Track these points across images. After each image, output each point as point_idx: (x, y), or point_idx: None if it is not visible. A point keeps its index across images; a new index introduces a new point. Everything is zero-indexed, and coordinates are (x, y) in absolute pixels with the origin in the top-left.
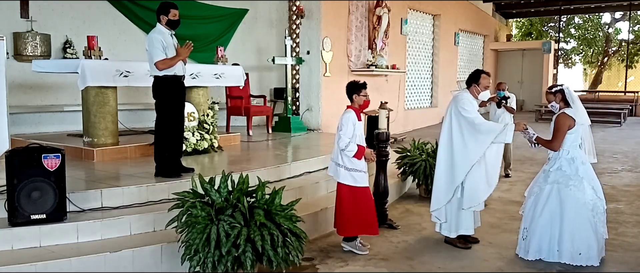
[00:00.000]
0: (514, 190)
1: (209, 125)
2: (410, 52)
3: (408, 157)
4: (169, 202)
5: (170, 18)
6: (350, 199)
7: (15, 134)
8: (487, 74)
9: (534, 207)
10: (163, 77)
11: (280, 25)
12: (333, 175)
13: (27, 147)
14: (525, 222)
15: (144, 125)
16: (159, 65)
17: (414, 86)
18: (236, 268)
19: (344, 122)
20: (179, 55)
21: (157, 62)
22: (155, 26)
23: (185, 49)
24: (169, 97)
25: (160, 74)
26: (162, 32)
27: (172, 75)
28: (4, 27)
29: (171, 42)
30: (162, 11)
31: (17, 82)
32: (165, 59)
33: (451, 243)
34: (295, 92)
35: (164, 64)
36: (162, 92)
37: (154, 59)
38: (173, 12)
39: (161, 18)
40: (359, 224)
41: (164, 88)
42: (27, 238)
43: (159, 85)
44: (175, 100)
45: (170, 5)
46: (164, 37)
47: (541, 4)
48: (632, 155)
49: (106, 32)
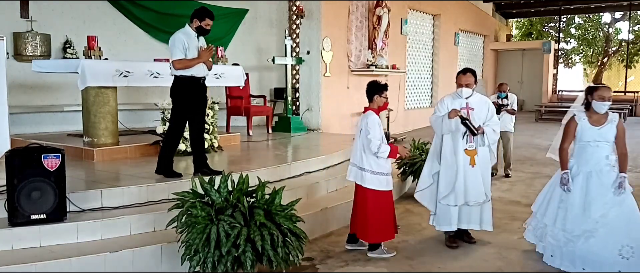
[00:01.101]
0: (514, 190)
1: (209, 125)
2: (410, 52)
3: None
4: (169, 202)
5: (202, 26)
6: (375, 203)
7: (15, 133)
8: (463, 72)
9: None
10: (180, 78)
11: (280, 25)
12: (356, 180)
13: (27, 147)
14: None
15: (144, 125)
16: (175, 64)
17: (414, 86)
18: (236, 268)
19: (371, 125)
20: (199, 58)
21: (173, 60)
22: (184, 26)
23: (207, 51)
24: (183, 98)
25: (178, 73)
26: (188, 33)
27: (189, 76)
28: (4, 27)
29: (195, 44)
30: (197, 16)
31: (17, 82)
32: (182, 59)
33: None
34: (295, 92)
35: (180, 64)
36: (177, 92)
37: (173, 57)
38: (207, 21)
39: (193, 21)
40: (384, 229)
41: (180, 88)
42: (27, 238)
43: (175, 85)
44: (190, 101)
45: (207, 14)
46: (188, 38)
47: (541, 4)
48: (632, 155)
49: (106, 32)
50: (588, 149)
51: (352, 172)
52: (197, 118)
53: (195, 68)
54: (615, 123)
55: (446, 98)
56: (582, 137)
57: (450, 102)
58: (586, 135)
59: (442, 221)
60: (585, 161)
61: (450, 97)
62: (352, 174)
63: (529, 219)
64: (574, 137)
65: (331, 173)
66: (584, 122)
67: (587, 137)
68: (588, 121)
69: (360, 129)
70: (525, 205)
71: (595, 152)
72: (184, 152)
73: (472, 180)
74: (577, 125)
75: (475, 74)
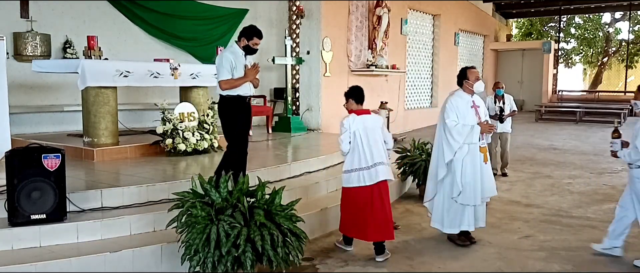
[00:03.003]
0: (514, 190)
1: (209, 125)
2: (410, 52)
3: (408, 157)
4: (169, 202)
5: (250, 45)
6: (343, 199)
7: (15, 133)
8: (472, 68)
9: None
10: (227, 97)
11: (280, 25)
12: (389, 177)
13: (27, 147)
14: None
15: (144, 125)
16: (222, 84)
17: (414, 86)
18: (236, 268)
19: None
20: (246, 77)
21: (221, 81)
22: (231, 45)
23: (253, 71)
24: (232, 117)
25: (224, 93)
26: (235, 52)
27: (235, 95)
28: (4, 27)
29: (242, 62)
30: (246, 35)
31: (17, 82)
32: (229, 79)
33: (452, 240)
34: (295, 92)
35: (227, 84)
36: (225, 112)
37: (220, 77)
38: (255, 40)
39: (241, 40)
40: (349, 225)
41: (227, 107)
42: (27, 238)
43: (223, 105)
44: (239, 120)
45: (255, 33)
46: (236, 57)
47: (541, 4)
48: None
49: (106, 32)
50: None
51: (387, 171)
52: (245, 137)
53: (241, 87)
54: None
55: (454, 100)
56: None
57: (460, 103)
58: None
59: (453, 223)
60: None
61: (457, 98)
62: (387, 172)
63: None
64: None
65: (331, 173)
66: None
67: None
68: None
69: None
70: (525, 205)
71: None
72: (184, 152)
73: (488, 176)
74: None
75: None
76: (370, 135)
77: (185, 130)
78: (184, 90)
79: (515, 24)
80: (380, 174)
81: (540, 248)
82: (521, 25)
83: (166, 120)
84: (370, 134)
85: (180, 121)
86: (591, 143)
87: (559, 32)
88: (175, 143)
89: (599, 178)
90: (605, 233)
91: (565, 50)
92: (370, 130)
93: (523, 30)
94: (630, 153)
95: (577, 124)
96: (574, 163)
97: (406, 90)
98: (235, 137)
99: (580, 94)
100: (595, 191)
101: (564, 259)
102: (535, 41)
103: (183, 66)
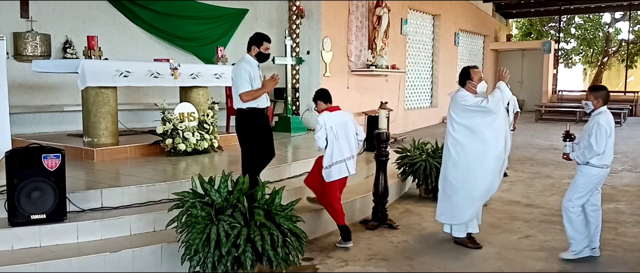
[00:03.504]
0: (514, 190)
1: (209, 125)
2: (410, 52)
3: (408, 157)
4: (169, 202)
5: (262, 51)
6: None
7: (15, 133)
8: (475, 67)
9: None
10: (247, 110)
11: (280, 25)
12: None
13: (27, 147)
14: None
15: (144, 125)
16: (244, 96)
17: (414, 86)
18: (236, 268)
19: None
20: (265, 88)
21: (242, 93)
22: (243, 56)
23: (271, 81)
24: (253, 129)
25: (244, 106)
26: (250, 63)
27: (255, 107)
28: (4, 27)
29: (258, 73)
30: (255, 42)
31: (17, 82)
32: (250, 90)
33: (462, 244)
34: (295, 92)
35: (248, 96)
36: (245, 125)
37: (240, 90)
38: (266, 45)
39: (252, 49)
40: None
41: (248, 120)
42: (27, 238)
43: (243, 118)
44: (259, 132)
45: (264, 38)
46: (252, 68)
47: (541, 4)
48: (632, 155)
49: (106, 32)
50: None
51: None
52: (266, 148)
53: (260, 99)
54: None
55: (466, 92)
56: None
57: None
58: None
59: (470, 224)
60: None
61: (465, 92)
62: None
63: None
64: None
65: None
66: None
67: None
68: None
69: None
70: (525, 205)
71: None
72: (184, 152)
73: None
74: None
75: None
76: (344, 129)
77: (185, 130)
78: (184, 90)
79: (515, 24)
80: (351, 169)
81: (540, 248)
82: (521, 25)
83: (166, 120)
84: (344, 128)
85: (180, 121)
86: None
87: (559, 32)
88: (175, 143)
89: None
90: (604, 233)
91: (565, 50)
92: (343, 124)
93: (523, 30)
94: (583, 152)
95: (577, 124)
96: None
97: (406, 90)
98: (257, 151)
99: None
100: None
101: (564, 259)
102: (535, 41)
103: (183, 66)
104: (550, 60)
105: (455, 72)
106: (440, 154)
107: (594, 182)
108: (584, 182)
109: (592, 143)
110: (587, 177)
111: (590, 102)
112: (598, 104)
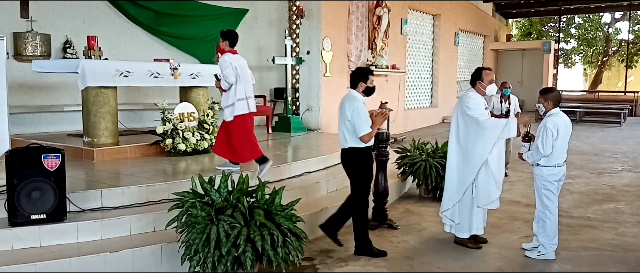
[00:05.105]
0: (514, 190)
1: (209, 125)
2: (410, 52)
3: (408, 157)
4: (169, 202)
5: (368, 85)
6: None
7: (15, 133)
8: (488, 69)
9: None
10: (358, 149)
11: (280, 25)
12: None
13: (27, 147)
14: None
15: (144, 125)
16: (365, 138)
17: (414, 86)
18: (236, 268)
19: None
20: (375, 124)
21: (364, 135)
22: (350, 92)
23: (381, 117)
24: (364, 168)
25: (361, 145)
26: (361, 99)
27: (365, 146)
28: (4, 27)
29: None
30: (362, 78)
31: (17, 82)
32: (370, 132)
33: (462, 244)
34: (295, 92)
35: (369, 137)
36: (357, 164)
37: (361, 132)
38: (371, 78)
39: (360, 85)
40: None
41: (359, 159)
42: (27, 238)
43: (355, 157)
44: (369, 170)
45: (369, 72)
46: (363, 106)
47: (541, 4)
48: (632, 155)
49: (106, 32)
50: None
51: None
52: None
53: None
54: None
55: (474, 96)
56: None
57: (479, 102)
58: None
59: (475, 225)
60: None
61: (475, 96)
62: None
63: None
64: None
65: (331, 173)
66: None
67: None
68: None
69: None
70: (525, 205)
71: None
72: (184, 152)
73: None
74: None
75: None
76: (245, 71)
77: (185, 130)
78: (184, 90)
79: (515, 24)
80: (251, 106)
81: None
82: (521, 25)
83: (166, 120)
84: (245, 70)
85: (180, 121)
86: (591, 143)
87: (559, 32)
88: (175, 143)
89: (598, 178)
90: (604, 233)
91: (565, 50)
92: (244, 67)
93: (523, 30)
94: (532, 154)
95: (577, 124)
96: (574, 163)
97: (406, 90)
98: (364, 190)
99: (580, 93)
100: (595, 191)
101: (564, 259)
102: (535, 41)
103: (183, 66)
104: (550, 60)
105: (455, 72)
106: (441, 154)
107: (552, 180)
108: (542, 183)
109: (538, 145)
110: (540, 178)
111: (541, 105)
112: (549, 106)
